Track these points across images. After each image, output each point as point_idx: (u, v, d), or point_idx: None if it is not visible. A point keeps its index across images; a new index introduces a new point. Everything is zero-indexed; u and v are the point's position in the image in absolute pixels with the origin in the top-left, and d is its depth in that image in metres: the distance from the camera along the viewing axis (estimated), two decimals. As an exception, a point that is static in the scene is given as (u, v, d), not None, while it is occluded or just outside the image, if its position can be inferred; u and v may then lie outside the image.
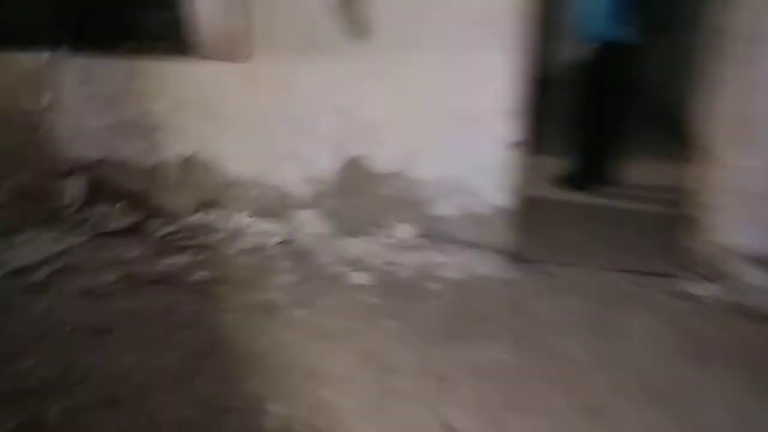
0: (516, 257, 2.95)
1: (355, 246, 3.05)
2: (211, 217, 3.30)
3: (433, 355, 2.29)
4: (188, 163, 3.30)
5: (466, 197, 2.95)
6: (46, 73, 3.25)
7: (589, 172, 3.99)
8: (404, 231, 3.06)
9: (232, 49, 2.95)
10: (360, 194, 3.11)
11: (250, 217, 3.27)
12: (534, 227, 3.16)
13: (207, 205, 3.34)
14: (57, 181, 3.43)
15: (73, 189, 3.43)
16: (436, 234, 3.03)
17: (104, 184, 3.43)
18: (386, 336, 2.41)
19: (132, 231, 3.29)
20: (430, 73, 2.82)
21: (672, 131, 5.03)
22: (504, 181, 2.88)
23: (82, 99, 3.29)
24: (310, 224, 3.18)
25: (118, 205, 3.39)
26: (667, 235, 3.11)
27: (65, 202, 3.42)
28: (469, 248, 2.96)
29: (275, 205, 3.24)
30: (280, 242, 3.13)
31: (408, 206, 3.05)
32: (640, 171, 4.18)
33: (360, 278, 2.82)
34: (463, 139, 2.85)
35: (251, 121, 3.13)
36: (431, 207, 3.02)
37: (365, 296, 2.69)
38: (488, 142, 2.82)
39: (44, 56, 3.22)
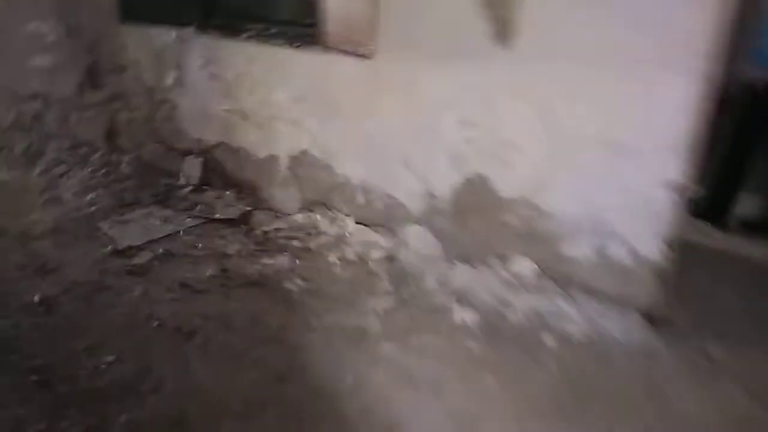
0: (660, 321, 2.43)
1: (466, 276, 2.69)
2: (316, 217, 3.12)
3: (538, 433, 1.91)
4: (300, 159, 3.12)
5: (607, 240, 2.46)
6: (174, 51, 3.22)
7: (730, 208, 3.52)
8: (525, 267, 2.64)
9: (358, 42, 2.69)
10: (479, 217, 2.73)
11: (357, 224, 3.03)
12: (688, 284, 2.60)
13: (314, 204, 3.15)
14: (174, 160, 3.42)
15: (189, 170, 3.42)
16: (562, 277, 2.58)
17: (218, 169, 3.38)
18: (484, 396, 2.08)
19: (238, 221, 3.20)
20: (580, 91, 2.33)
21: None
22: (658, 227, 2.35)
23: (206, 80, 3.23)
24: (418, 242, 2.86)
25: (228, 192, 3.31)
26: None
27: (180, 182, 3.41)
28: (601, 301, 2.49)
29: (384, 216, 2.97)
30: (384, 257, 2.86)
31: (533, 240, 2.62)
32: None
33: (465, 316, 2.47)
34: (613, 172, 2.35)
35: (369, 121, 2.87)
36: (561, 245, 2.57)
37: (468, 340, 2.35)
38: (644, 179, 2.30)
39: (173, 34, 3.17)
